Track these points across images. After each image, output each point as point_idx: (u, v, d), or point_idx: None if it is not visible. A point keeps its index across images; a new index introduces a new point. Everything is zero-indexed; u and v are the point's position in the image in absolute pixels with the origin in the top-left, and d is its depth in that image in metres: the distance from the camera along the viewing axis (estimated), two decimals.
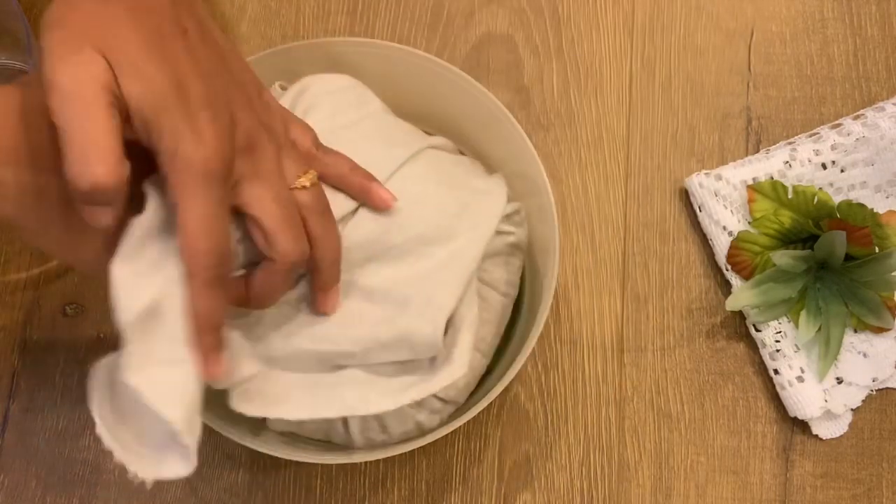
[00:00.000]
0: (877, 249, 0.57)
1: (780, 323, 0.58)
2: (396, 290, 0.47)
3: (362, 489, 0.56)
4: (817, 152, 0.60)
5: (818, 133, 0.61)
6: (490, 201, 0.51)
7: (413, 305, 0.47)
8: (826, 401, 0.57)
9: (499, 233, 0.51)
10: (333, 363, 0.48)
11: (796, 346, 0.58)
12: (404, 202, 0.48)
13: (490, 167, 0.57)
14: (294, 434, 0.51)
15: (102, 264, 0.39)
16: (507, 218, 0.52)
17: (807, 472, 0.57)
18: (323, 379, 0.48)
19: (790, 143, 0.61)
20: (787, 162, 0.60)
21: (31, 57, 0.51)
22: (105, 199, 0.36)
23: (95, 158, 0.35)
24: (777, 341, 0.57)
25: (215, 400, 0.53)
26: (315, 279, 0.46)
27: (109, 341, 0.59)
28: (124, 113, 0.37)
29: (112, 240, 0.39)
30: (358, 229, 0.47)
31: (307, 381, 0.48)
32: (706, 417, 0.58)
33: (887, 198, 0.60)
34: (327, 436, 0.51)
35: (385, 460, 0.57)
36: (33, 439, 0.57)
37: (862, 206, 0.57)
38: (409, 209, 0.48)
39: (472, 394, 0.52)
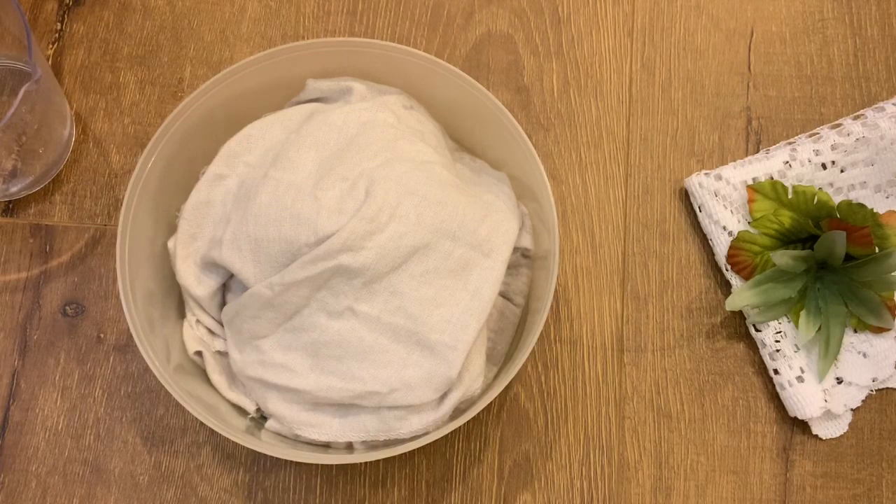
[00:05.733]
0: (877, 249, 0.57)
1: (780, 323, 0.58)
2: (421, 331, 0.49)
3: (362, 489, 0.56)
4: (817, 152, 0.60)
5: (818, 133, 0.61)
6: (505, 228, 0.51)
7: (439, 350, 0.48)
8: (826, 401, 0.57)
9: (515, 248, 0.52)
10: (352, 402, 0.49)
11: (796, 346, 0.58)
12: (425, 219, 0.49)
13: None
14: (297, 435, 0.52)
15: None
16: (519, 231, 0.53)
17: (807, 472, 0.57)
18: (342, 408, 0.51)
19: (790, 143, 0.61)
20: (787, 162, 0.60)
21: (31, 57, 0.51)
22: None
23: None
24: (777, 341, 0.57)
25: (214, 401, 0.53)
26: None
27: (109, 341, 0.59)
28: None
29: None
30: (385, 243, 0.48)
31: (332, 408, 0.51)
32: (706, 417, 0.58)
33: (887, 198, 0.60)
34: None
35: (385, 460, 0.57)
36: (33, 439, 0.57)
37: (862, 206, 0.57)
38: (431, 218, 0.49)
39: None
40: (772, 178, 0.60)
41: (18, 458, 0.57)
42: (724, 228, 0.59)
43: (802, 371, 0.57)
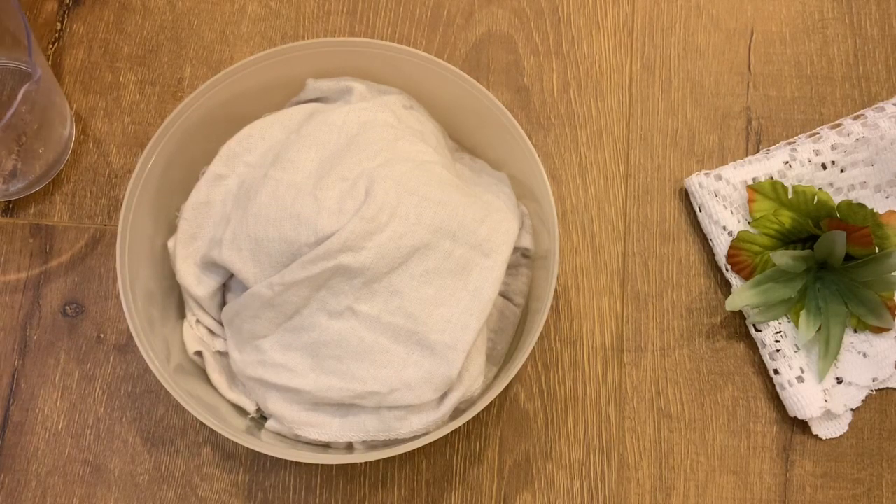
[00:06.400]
0: (877, 249, 0.57)
1: (780, 323, 0.58)
2: (421, 331, 0.49)
3: (362, 489, 0.56)
4: (817, 152, 0.60)
5: (818, 133, 0.61)
6: (505, 228, 0.51)
7: (439, 350, 0.49)
8: (826, 401, 0.57)
9: (515, 248, 0.52)
10: (353, 402, 0.49)
11: (796, 346, 0.58)
12: (424, 214, 0.49)
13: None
14: (297, 435, 0.52)
15: None
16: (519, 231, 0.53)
17: (807, 472, 0.57)
18: (342, 408, 0.51)
19: (790, 143, 0.61)
20: (787, 162, 0.60)
21: (31, 57, 0.51)
22: None
23: None
24: (777, 341, 0.57)
25: (214, 401, 0.53)
26: None
27: (109, 341, 0.59)
28: None
29: None
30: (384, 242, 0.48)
31: (332, 408, 0.51)
32: (706, 417, 0.58)
33: (887, 198, 0.60)
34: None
35: (385, 460, 0.57)
36: (33, 439, 0.57)
37: (862, 206, 0.57)
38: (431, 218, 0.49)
39: None
40: (772, 178, 0.59)
41: (18, 458, 0.57)
42: (724, 228, 0.59)
43: (802, 371, 0.57)
